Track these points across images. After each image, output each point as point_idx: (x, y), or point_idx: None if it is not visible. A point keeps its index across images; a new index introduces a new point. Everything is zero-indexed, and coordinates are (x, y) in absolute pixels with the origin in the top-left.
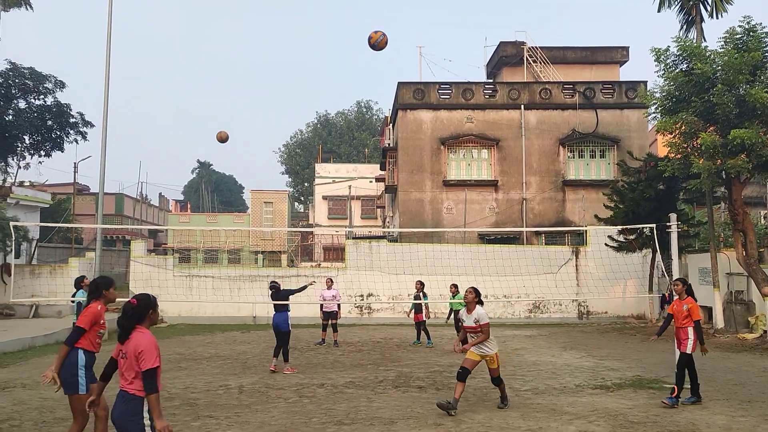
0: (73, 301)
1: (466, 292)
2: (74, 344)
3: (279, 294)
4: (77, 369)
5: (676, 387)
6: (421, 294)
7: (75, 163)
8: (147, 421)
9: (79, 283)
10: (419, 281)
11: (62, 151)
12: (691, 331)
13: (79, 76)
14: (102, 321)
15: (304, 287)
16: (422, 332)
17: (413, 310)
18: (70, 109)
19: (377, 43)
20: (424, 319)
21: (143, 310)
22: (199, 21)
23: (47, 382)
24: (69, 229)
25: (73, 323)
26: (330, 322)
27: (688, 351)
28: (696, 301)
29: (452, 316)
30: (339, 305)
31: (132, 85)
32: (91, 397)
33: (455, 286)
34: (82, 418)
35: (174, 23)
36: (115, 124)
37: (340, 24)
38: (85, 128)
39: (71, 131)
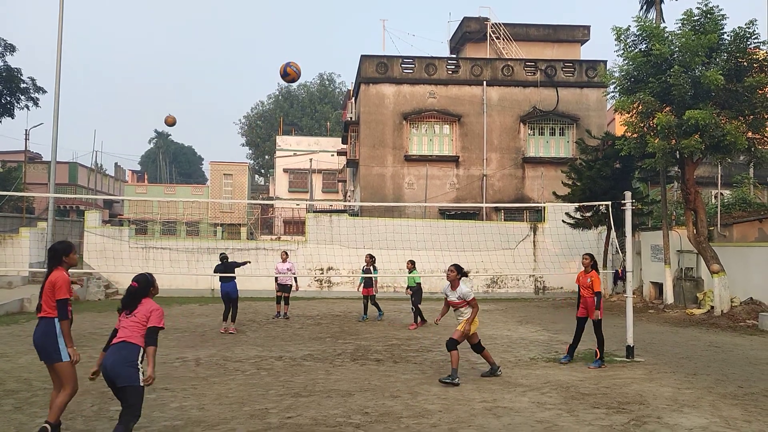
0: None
1: (448, 270)
2: (69, 315)
3: (228, 266)
4: (57, 338)
5: (598, 350)
6: (371, 268)
7: (26, 130)
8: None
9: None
10: (369, 255)
11: (12, 118)
12: (597, 300)
13: (30, 39)
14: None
15: (244, 263)
16: (371, 306)
17: (362, 284)
18: (21, 74)
19: (287, 75)
20: (374, 293)
21: (144, 289)
22: None
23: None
24: (20, 198)
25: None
26: (283, 295)
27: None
28: (599, 274)
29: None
30: (295, 278)
31: (86, 50)
32: (95, 369)
33: (412, 262)
34: (74, 385)
35: None
36: (69, 90)
37: None
38: (36, 94)
39: (22, 97)
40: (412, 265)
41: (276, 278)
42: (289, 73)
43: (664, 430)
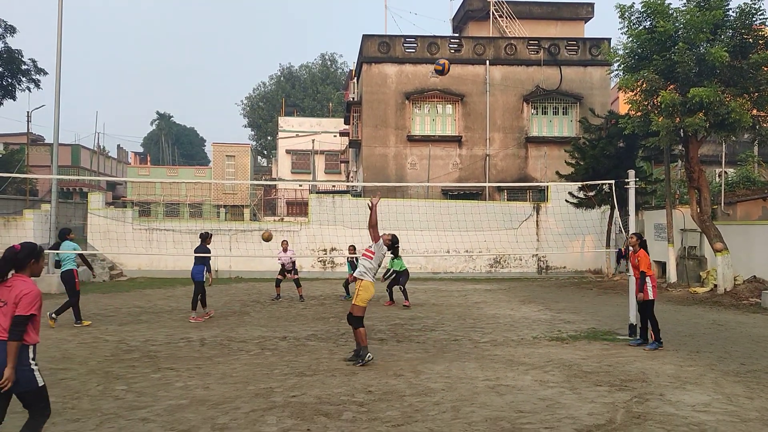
0: (57, 254)
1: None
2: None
3: (198, 248)
4: None
5: (652, 333)
6: (354, 258)
7: (28, 112)
8: (34, 365)
9: (65, 234)
10: (351, 246)
11: (14, 100)
12: (641, 281)
13: (31, 21)
14: None
15: (206, 255)
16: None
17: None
18: (22, 56)
19: (443, 70)
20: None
21: (24, 257)
22: None
23: None
24: (23, 181)
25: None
26: (288, 277)
27: (650, 297)
28: (648, 254)
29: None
30: (294, 262)
31: (88, 32)
32: None
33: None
34: None
35: None
36: (70, 72)
37: None
38: (38, 76)
39: (23, 78)
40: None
41: (283, 265)
42: (443, 65)
43: (667, 407)
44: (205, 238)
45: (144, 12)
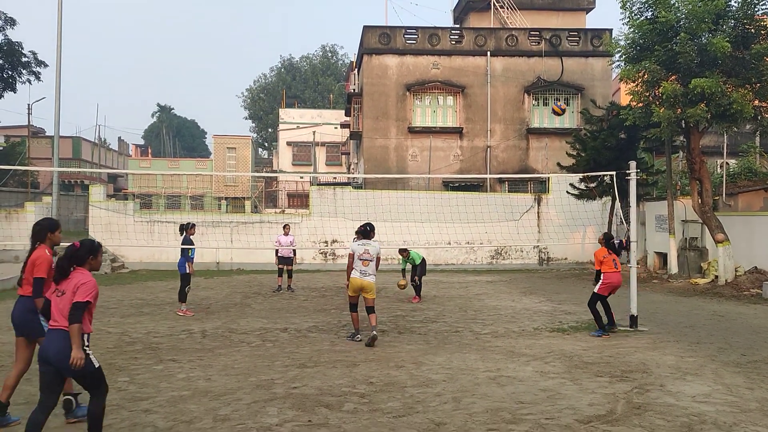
0: None
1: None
2: (42, 294)
3: (184, 239)
4: (36, 315)
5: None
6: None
7: (29, 105)
8: (89, 350)
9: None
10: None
11: (15, 92)
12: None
13: (31, 13)
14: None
15: (188, 246)
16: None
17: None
18: (22, 48)
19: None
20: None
21: (84, 254)
22: None
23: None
24: (24, 173)
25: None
26: (285, 267)
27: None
28: (607, 249)
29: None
30: (294, 251)
31: (88, 24)
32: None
33: (405, 250)
34: (28, 363)
35: None
36: (70, 64)
37: None
38: (38, 68)
39: (24, 71)
40: (406, 254)
41: (276, 251)
42: (561, 108)
43: (667, 398)
44: (187, 228)
45: (144, 4)
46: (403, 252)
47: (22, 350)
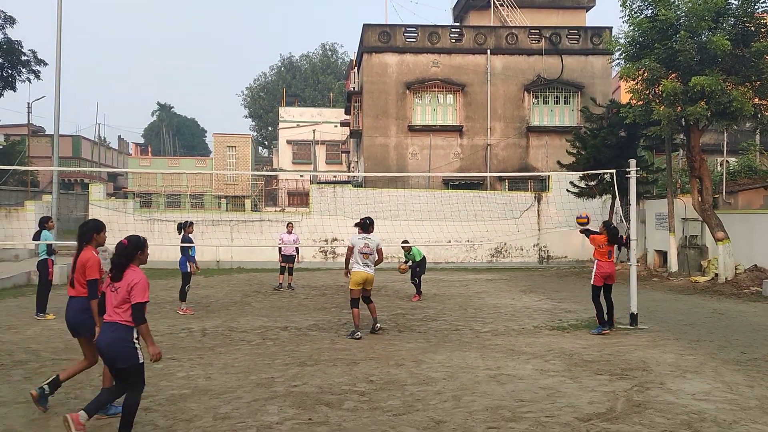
0: (37, 244)
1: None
2: (98, 295)
3: (183, 237)
4: (89, 314)
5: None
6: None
7: (28, 103)
8: (138, 344)
9: (43, 223)
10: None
11: (14, 91)
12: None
13: (31, 12)
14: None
15: (188, 246)
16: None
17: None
18: (22, 47)
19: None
20: None
21: (133, 250)
22: None
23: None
24: (24, 172)
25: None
26: (288, 265)
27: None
28: (601, 235)
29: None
30: (297, 249)
31: (88, 22)
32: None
33: (406, 241)
34: (93, 358)
35: None
36: (70, 63)
37: None
38: (38, 67)
39: (23, 70)
40: (408, 248)
41: (280, 249)
42: (586, 218)
43: (667, 396)
44: (185, 227)
45: (144, 4)
46: (405, 245)
47: (85, 348)
